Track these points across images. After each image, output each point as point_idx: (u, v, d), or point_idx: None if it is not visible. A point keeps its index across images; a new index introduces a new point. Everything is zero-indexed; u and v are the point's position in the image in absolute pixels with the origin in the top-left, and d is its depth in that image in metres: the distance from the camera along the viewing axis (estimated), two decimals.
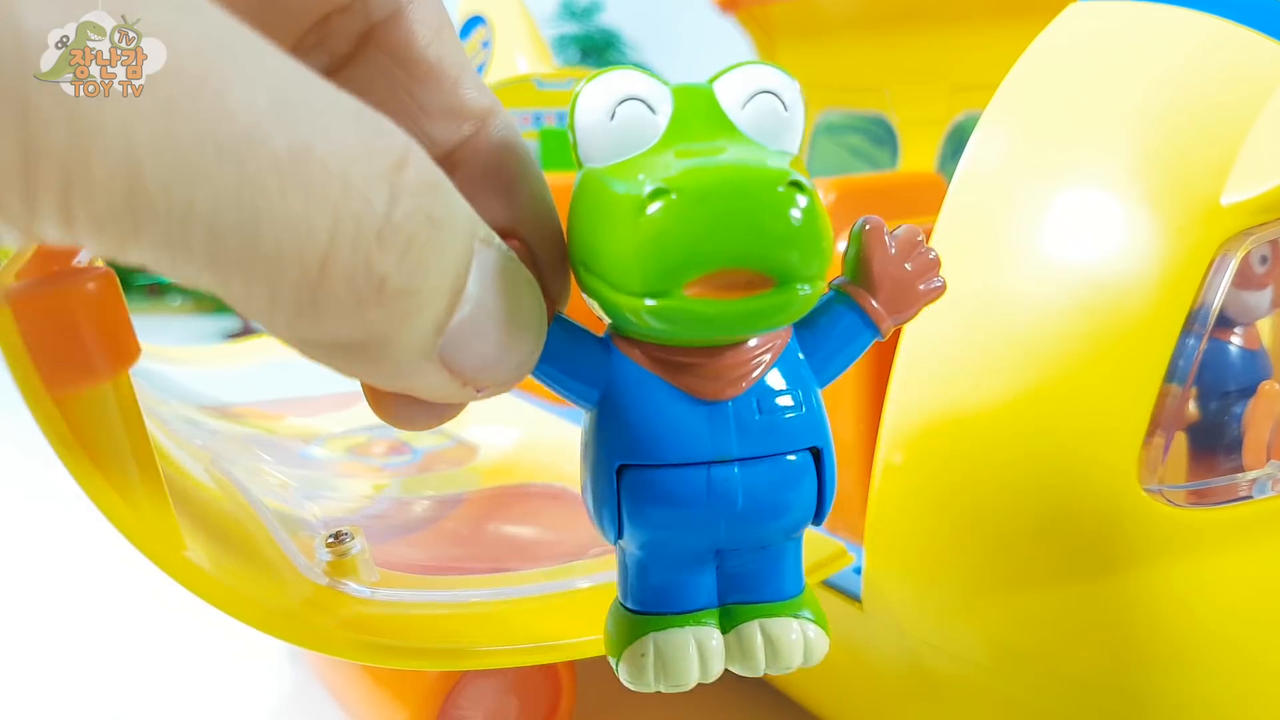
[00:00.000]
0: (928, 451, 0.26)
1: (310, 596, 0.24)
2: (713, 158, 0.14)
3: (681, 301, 0.14)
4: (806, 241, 0.14)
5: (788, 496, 0.16)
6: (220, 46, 0.12)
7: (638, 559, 0.17)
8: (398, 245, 0.13)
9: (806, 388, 0.16)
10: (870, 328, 0.17)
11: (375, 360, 0.14)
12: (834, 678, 0.32)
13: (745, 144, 0.15)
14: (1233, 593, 0.23)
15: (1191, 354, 0.23)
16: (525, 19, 0.74)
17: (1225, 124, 0.24)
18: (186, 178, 0.11)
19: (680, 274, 0.14)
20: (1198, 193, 0.23)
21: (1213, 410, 0.24)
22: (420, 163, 0.13)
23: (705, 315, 0.14)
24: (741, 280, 0.14)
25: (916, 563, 0.26)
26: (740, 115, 0.16)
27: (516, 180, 0.18)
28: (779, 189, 0.14)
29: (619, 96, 0.16)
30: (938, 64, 0.53)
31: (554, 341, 0.16)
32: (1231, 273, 0.23)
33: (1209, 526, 0.23)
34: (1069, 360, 0.24)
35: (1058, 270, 0.24)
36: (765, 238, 0.14)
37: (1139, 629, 0.23)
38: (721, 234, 0.13)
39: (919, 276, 0.17)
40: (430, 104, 0.17)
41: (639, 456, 0.16)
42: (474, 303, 0.14)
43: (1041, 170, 0.26)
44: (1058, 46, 0.27)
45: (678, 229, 0.14)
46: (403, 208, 0.13)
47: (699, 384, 0.16)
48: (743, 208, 0.14)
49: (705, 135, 0.15)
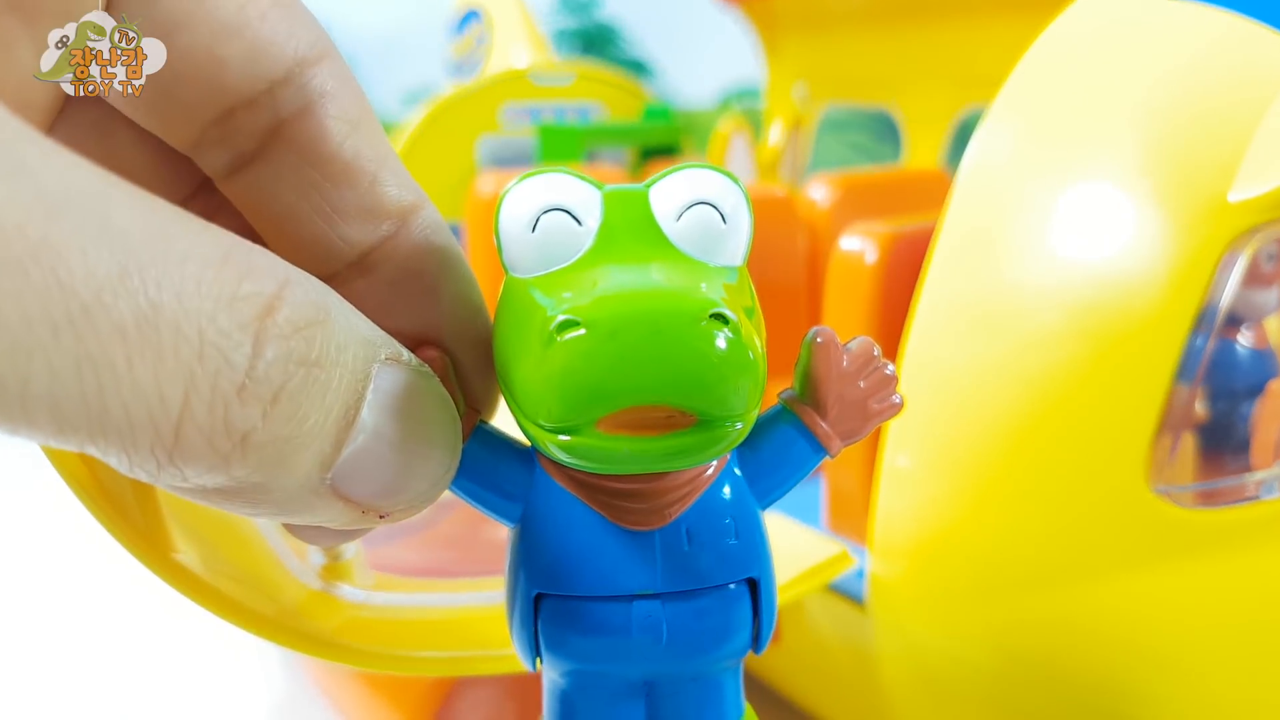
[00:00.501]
0: (932, 452, 0.25)
1: (304, 600, 0.24)
2: (632, 283, 0.13)
3: (594, 439, 0.13)
4: (729, 378, 0.13)
5: (717, 631, 0.15)
6: (54, 212, 0.11)
7: (560, 687, 0.16)
8: (263, 397, 0.12)
9: (743, 515, 0.16)
10: (818, 449, 0.16)
11: (255, 503, 0.13)
12: (836, 680, 0.32)
13: (676, 262, 0.14)
14: (1240, 594, 0.23)
15: (1200, 353, 0.23)
16: (522, 12, 0.73)
17: (1233, 120, 0.23)
18: (17, 360, 0.10)
19: (590, 410, 0.13)
20: (1206, 190, 0.23)
21: (1221, 410, 0.24)
22: (296, 301, 0.13)
23: (619, 454, 0.13)
24: (660, 417, 0.13)
25: (920, 565, 0.26)
26: (674, 228, 0.15)
27: (439, 282, 0.17)
28: (700, 323, 0.13)
29: (541, 206, 0.15)
30: (943, 58, 0.53)
31: (472, 455, 0.16)
32: (1240, 270, 0.23)
33: (1216, 528, 0.23)
34: (1076, 359, 0.23)
35: (1064, 268, 0.24)
36: (682, 375, 0.13)
37: (1146, 631, 0.23)
38: (634, 370, 0.13)
39: (873, 395, 0.16)
40: (344, 204, 0.16)
41: (557, 586, 0.15)
42: (369, 431, 0.13)
43: (1048, 166, 0.25)
44: (1064, 41, 0.27)
45: (587, 365, 0.13)
46: (269, 356, 0.12)
47: (623, 513, 0.15)
48: (658, 343, 0.13)
49: (633, 251, 0.14)
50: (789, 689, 0.34)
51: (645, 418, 0.13)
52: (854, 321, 0.33)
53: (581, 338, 0.13)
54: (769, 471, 0.16)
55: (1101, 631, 0.24)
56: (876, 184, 0.48)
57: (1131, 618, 0.23)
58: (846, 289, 0.34)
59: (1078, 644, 0.24)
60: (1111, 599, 0.23)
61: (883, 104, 0.58)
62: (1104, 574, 0.23)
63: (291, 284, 0.13)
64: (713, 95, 0.97)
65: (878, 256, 0.33)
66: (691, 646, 0.15)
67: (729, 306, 0.13)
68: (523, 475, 0.16)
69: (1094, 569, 0.23)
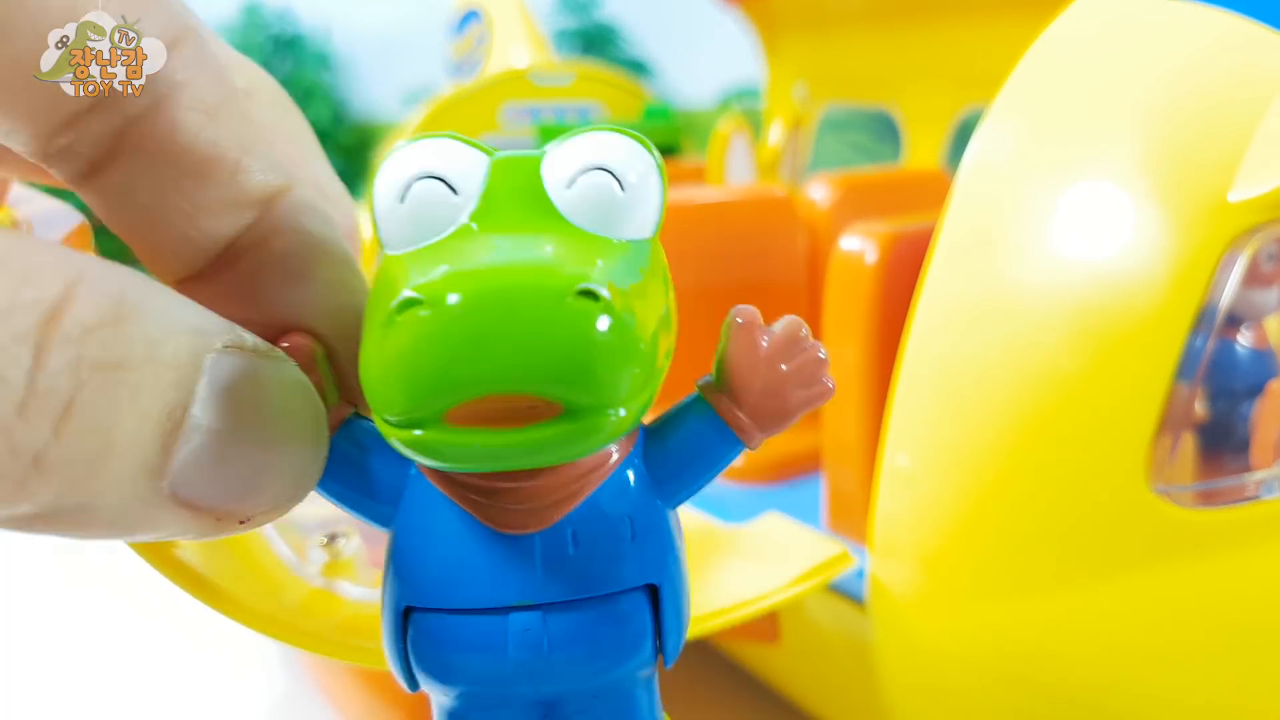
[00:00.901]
0: (932, 451, 0.25)
1: (305, 598, 0.24)
2: (493, 258, 0.12)
3: (443, 433, 0.11)
4: (597, 362, 0.11)
5: (609, 645, 0.14)
6: None
7: (448, 709, 0.15)
8: (50, 412, 0.11)
9: (642, 514, 0.14)
10: (733, 442, 0.15)
11: (84, 525, 0.12)
12: (836, 680, 0.32)
13: (561, 235, 0.13)
14: (1241, 594, 0.23)
15: (1200, 352, 0.23)
16: (522, 13, 0.73)
17: (1234, 120, 0.23)
18: None
19: (435, 400, 0.11)
20: (1206, 189, 0.23)
21: (1221, 410, 0.24)
22: (88, 299, 0.12)
23: (471, 450, 0.12)
24: (521, 407, 0.11)
25: (921, 565, 0.26)
26: (565, 196, 0.13)
27: (310, 265, 0.15)
28: (564, 300, 0.11)
29: (413, 174, 0.13)
30: (944, 58, 0.53)
31: (337, 452, 0.14)
32: (1240, 270, 0.23)
33: (1217, 528, 0.23)
34: (1076, 359, 0.23)
35: (1064, 267, 0.24)
36: (540, 360, 0.11)
37: (1146, 631, 0.23)
38: (484, 354, 0.11)
39: (797, 381, 0.14)
40: (204, 199, 0.15)
41: (426, 599, 0.14)
42: (206, 430, 0.12)
43: (1048, 166, 0.25)
44: (1065, 41, 0.27)
45: (430, 348, 0.11)
46: (53, 366, 0.11)
47: (500, 514, 0.13)
48: (512, 323, 0.11)
49: (514, 223, 0.13)
50: (789, 689, 0.34)
51: (503, 408, 0.11)
52: (854, 321, 0.33)
53: (424, 318, 0.11)
54: (678, 467, 0.15)
55: (1102, 631, 0.24)
56: (877, 184, 0.48)
57: (1132, 617, 0.23)
58: (846, 289, 0.33)
59: (1078, 643, 0.24)
60: (1112, 599, 0.23)
61: (883, 104, 0.58)
62: (1104, 574, 0.23)
63: (84, 281, 0.12)
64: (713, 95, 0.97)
65: (878, 256, 0.33)
66: (580, 663, 0.14)
67: (608, 283, 0.11)
68: (394, 476, 0.14)
69: (1094, 568, 0.23)
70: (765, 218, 0.45)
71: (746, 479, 0.38)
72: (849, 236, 0.34)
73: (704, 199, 0.46)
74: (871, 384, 0.33)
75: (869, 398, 0.33)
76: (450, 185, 0.13)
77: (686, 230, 0.43)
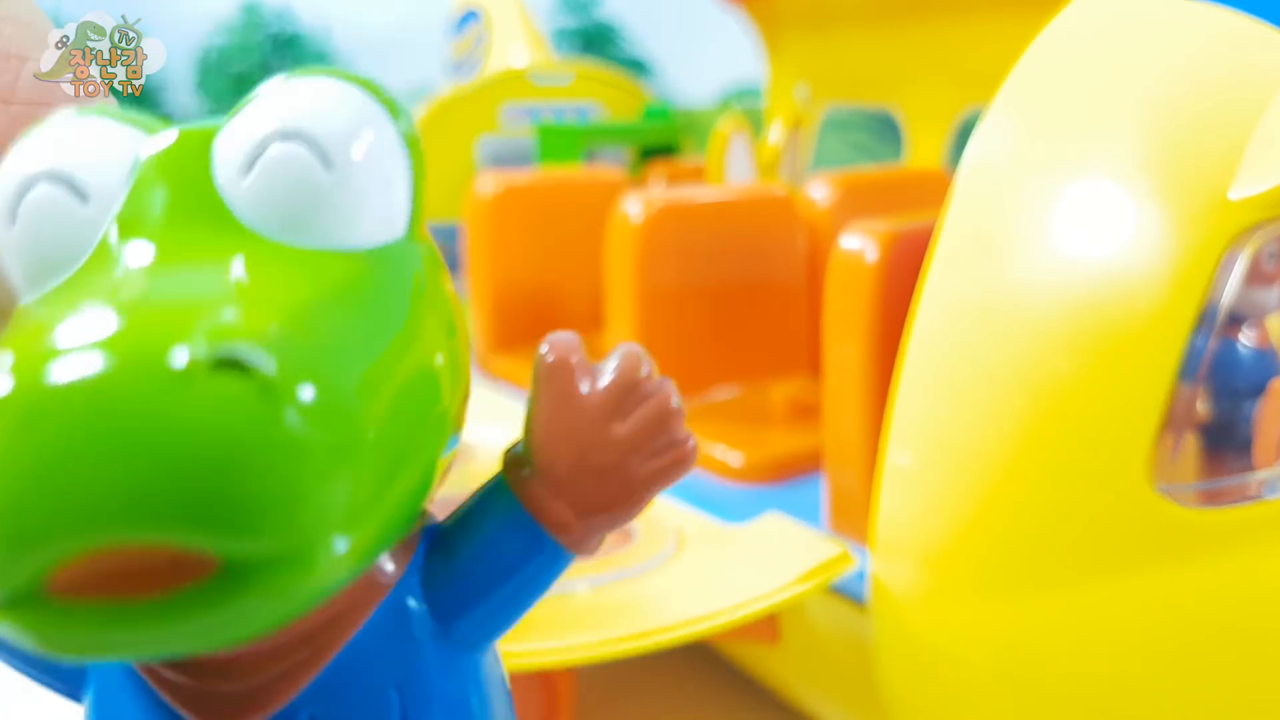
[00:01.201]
0: (934, 451, 0.25)
1: None
2: (95, 316, 0.08)
3: (44, 610, 0.07)
4: (270, 475, 0.07)
5: None
6: None
7: None
8: None
9: (421, 679, 0.09)
10: (552, 551, 0.10)
11: None
12: (836, 680, 0.32)
13: (226, 253, 0.08)
14: (1242, 594, 0.23)
15: (1202, 352, 0.23)
16: (522, 12, 0.73)
17: (1234, 118, 0.23)
18: None
19: (21, 560, 0.07)
20: (1207, 187, 0.23)
21: (1223, 409, 0.24)
22: None
23: (85, 635, 0.08)
24: (159, 564, 0.07)
25: (922, 565, 0.26)
26: (240, 189, 0.09)
27: None
28: (188, 382, 0.07)
29: (23, 179, 0.09)
30: (945, 58, 0.53)
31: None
32: (1242, 269, 0.23)
33: (1219, 527, 0.23)
34: (1077, 358, 0.23)
35: (1065, 266, 0.24)
36: (159, 485, 0.07)
37: (1148, 630, 0.23)
38: (79, 484, 0.07)
39: (638, 446, 0.09)
40: None
41: None
42: None
43: (1048, 164, 0.25)
44: (1065, 39, 0.27)
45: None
46: None
47: (204, 701, 0.09)
48: (112, 433, 0.07)
49: (166, 238, 0.09)
50: (789, 689, 0.34)
51: (128, 565, 0.07)
52: (854, 321, 0.33)
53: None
54: (474, 594, 0.10)
55: (1103, 631, 0.23)
56: (877, 184, 0.48)
57: (1133, 617, 0.23)
58: (847, 288, 0.33)
59: (1079, 644, 0.24)
60: (1113, 598, 0.23)
61: (884, 104, 0.58)
62: (1106, 573, 0.23)
63: None
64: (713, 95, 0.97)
65: (878, 256, 0.33)
66: None
67: (279, 338, 0.07)
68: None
69: (1096, 568, 0.23)
70: (765, 217, 0.45)
71: (746, 479, 0.38)
72: (849, 235, 0.34)
73: (704, 199, 0.46)
74: (872, 383, 0.33)
75: (870, 397, 0.33)
76: (77, 189, 0.09)
77: (686, 230, 0.43)
